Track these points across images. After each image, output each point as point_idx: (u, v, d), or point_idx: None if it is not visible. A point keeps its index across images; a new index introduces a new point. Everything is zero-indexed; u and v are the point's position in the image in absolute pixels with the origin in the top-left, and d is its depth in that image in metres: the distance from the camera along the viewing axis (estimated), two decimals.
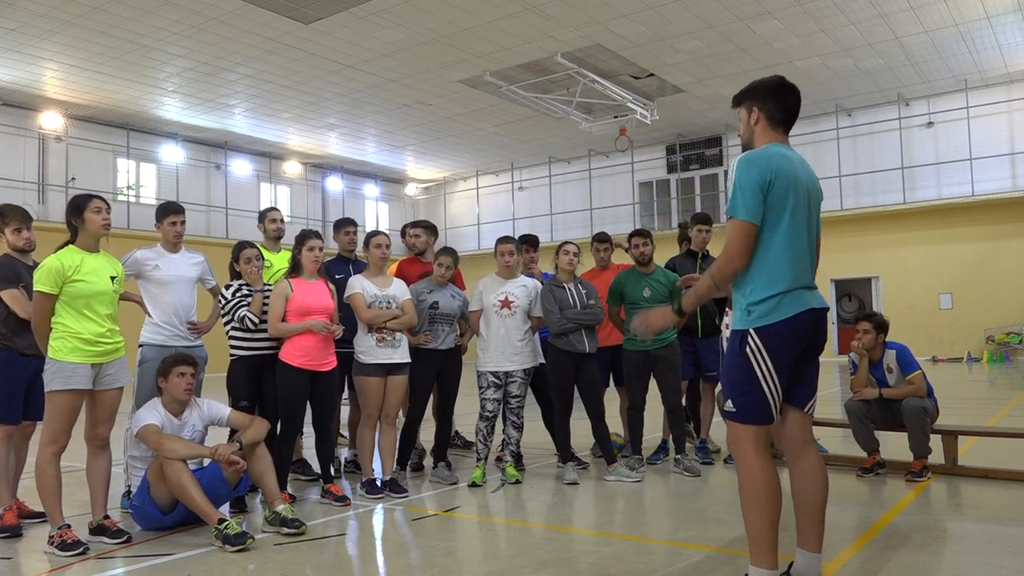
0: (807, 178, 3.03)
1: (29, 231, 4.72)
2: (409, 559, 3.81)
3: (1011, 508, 4.53)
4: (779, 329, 2.88)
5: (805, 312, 2.91)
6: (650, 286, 5.84)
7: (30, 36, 15.00)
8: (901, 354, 5.56)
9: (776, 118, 3.09)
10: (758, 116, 3.09)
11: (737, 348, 2.94)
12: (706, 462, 6.13)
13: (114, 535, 4.14)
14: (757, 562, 2.85)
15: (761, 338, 2.88)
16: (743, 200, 2.88)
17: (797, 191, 2.94)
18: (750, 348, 2.89)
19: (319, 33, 15.25)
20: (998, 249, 19.87)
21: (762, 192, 2.88)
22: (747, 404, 2.91)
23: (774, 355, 2.87)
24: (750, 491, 2.88)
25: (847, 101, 20.90)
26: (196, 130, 21.63)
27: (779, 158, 2.95)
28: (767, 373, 2.88)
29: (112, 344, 4.20)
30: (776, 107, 3.08)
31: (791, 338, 2.90)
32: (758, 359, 2.88)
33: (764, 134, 3.09)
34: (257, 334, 5.08)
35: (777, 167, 2.91)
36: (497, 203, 27.97)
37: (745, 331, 2.93)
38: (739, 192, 2.89)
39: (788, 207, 2.91)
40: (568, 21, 15.01)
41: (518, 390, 5.60)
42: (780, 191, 2.90)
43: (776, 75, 3.19)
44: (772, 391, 2.89)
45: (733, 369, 2.96)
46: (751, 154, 2.96)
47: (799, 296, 2.92)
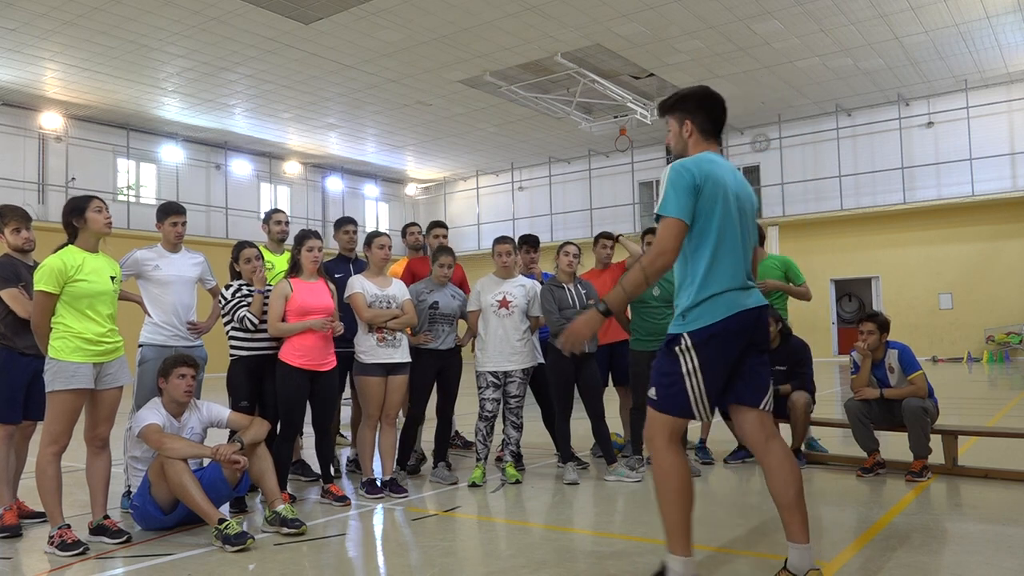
0: (736, 185, 3.08)
1: (29, 231, 4.72)
2: (409, 559, 3.81)
3: (1011, 508, 4.53)
4: (712, 331, 2.94)
5: (740, 313, 2.96)
6: (659, 285, 5.80)
7: (30, 36, 15.00)
8: (903, 354, 5.56)
9: (707, 129, 3.15)
10: (691, 128, 3.15)
11: (669, 345, 3.02)
12: (706, 462, 6.13)
13: (114, 535, 4.14)
14: (672, 549, 2.96)
15: (692, 340, 2.95)
16: (674, 199, 2.93)
17: (727, 196, 3.00)
18: (680, 348, 2.97)
19: (319, 33, 15.25)
20: (998, 249, 19.87)
21: (692, 194, 2.93)
22: (668, 396, 2.99)
23: (703, 357, 2.93)
24: (662, 484, 2.98)
25: (847, 101, 20.90)
26: (196, 130, 21.63)
27: (709, 163, 3.01)
28: (692, 371, 2.94)
29: (113, 344, 4.20)
30: (707, 118, 3.15)
31: (725, 340, 2.95)
32: (685, 358, 2.95)
33: (697, 145, 3.15)
34: (257, 334, 5.08)
35: (707, 172, 2.97)
36: (497, 203, 27.98)
37: (679, 335, 2.99)
38: (670, 192, 2.94)
39: (718, 211, 2.97)
40: (568, 21, 15.01)
41: (517, 390, 5.60)
42: (710, 195, 2.95)
43: (702, 85, 3.26)
44: (696, 390, 2.95)
45: (661, 363, 3.04)
46: (681, 161, 3.02)
47: (733, 298, 2.97)
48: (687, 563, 2.94)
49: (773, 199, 22.89)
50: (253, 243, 5.37)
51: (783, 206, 22.61)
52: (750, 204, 3.14)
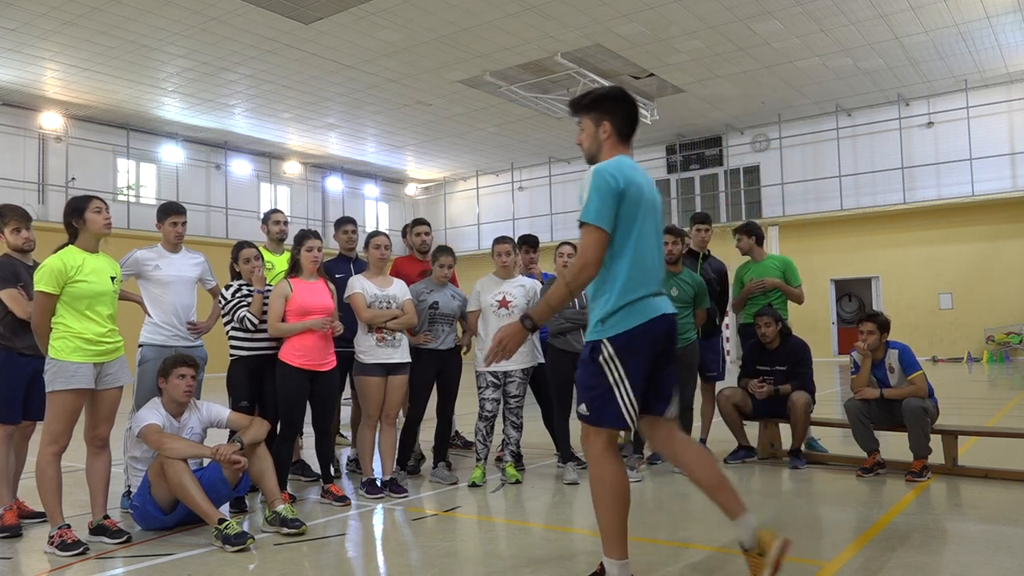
0: (651, 191, 3.08)
1: (29, 231, 4.71)
2: (409, 559, 3.81)
3: (1011, 508, 4.53)
4: (632, 336, 2.94)
5: (657, 318, 2.98)
6: (678, 286, 5.79)
7: (30, 36, 14.99)
8: (903, 354, 5.56)
9: (624, 132, 3.13)
10: (608, 130, 3.11)
11: (591, 356, 2.98)
12: None
13: (114, 535, 4.14)
14: (608, 553, 2.98)
15: (614, 346, 2.94)
16: (598, 206, 2.90)
17: (645, 202, 3.01)
18: (603, 357, 2.95)
19: (319, 33, 15.25)
20: (998, 249, 19.87)
21: (616, 201, 2.92)
22: (600, 408, 2.97)
23: (627, 363, 2.94)
24: (599, 491, 2.99)
25: (847, 101, 20.90)
26: (196, 130, 21.63)
27: (630, 169, 3.00)
28: (619, 380, 2.94)
29: (113, 344, 4.20)
30: (624, 121, 3.12)
31: (644, 344, 2.96)
32: (610, 367, 2.94)
33: (613, 147, 3.12)
34: (256, 335, 5.08)
35: (629, 178, 2.96)
36: (497, 203, 27.98)
37: (599, 341, 2.97)
38: (596, 200, 2.91)
39: (639, 217, 2.97)
40: (568, 21, 15.01)
41: (517, 390, 5.60)
42: (632, 202, 2.95)
43: (617, 86, 3.23)
44: (626, 398, 2.94)
45: (587, 377, 3.00)
46: (606, 165, 2.99)
47: (650, 303, 2.99)
48: (624, 566, 2.97)
49: (773, 199, 22.88)
50: (252, 243, 5.37)
51: (783, 206, 22.61)
52: (661, 210, 3.16)
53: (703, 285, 5.90)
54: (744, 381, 6.25)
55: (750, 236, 6.64)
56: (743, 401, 6.16)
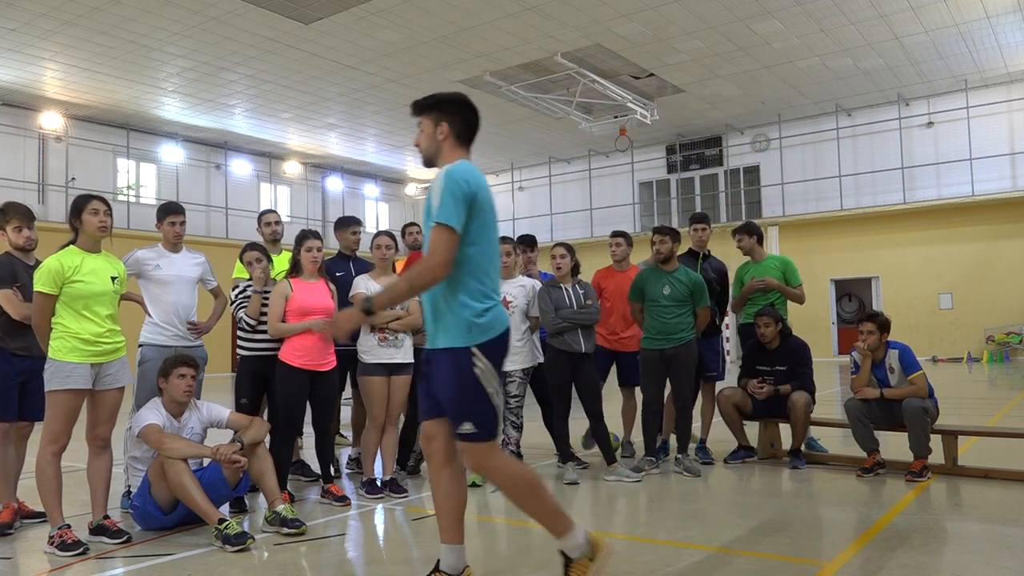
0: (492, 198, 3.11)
1: (31, 229, 4.67)
2: (409, 559, 3.81)
3: (1011, 508, 4.53)
4: (496, 344, 2.96)
5: (507, 329, 3.04)
6: (671, 284, 5.78)
7: (30, 36, 15.00)
8: (904, 354, 5.56)
9: (462, 135, 3.13)
10: (447, 132, 3.11)
11: (464, 369, 2.89)
12: (706, 462, 6.13)
13: (114, 535, 4.14)
14: (563, 532, 2.99)
15: (486, 354, 2.92)
16: (453, 209, 2.87)
17: (492, 209, 3.04)
18: (479, 368, 2.90)
19: (319, 33, 15.25)
20: (998, 249, 19.87)
21: (467, 205, 2.90)
22: (488, 423, 2.92)
23: (496, 369, 2.96)
24: (514, 488, 3.01)
25: (847, 101, 20.90)
26: (196, 130, 21.63)
27: (479, 175, 3.00)
28: (496, 388, 2.94)
29: (112, 344, 4.20)
30: (463, 124, 3.13)
31: (502, 352, 3.01)
32: (489, 377, 2.92)
33: (453, 150, 3.11)
34: (257, 335, 5.09)
35: (479, 183, 2.96)
36: (497, 203, 27.74)
37: (467, 349, 2.90)
38: (450, 202, 2.87)
39: (488, 222, 2.99)
40: (568, 21, 15.01)
41: (517, 390, 5.60)
42: (483, 208, 2.96)
43: (457, 92, 3.22)
44: (500, 404, 2.96)
45: (465, 391, 2.90)
46: (458, 168, 2.96)
47: (502, 311, 3.05)
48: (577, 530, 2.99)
49: (773, 199, 22.89)
50: (258, 244, 5.38)
51: (783, 206, 22.61)
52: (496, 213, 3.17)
53: (700, 283, 5.83)
54: (744, 381, 6.25)
55: (751, 236, 6.64)
56: (743, 401, 6.16)
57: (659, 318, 5.75)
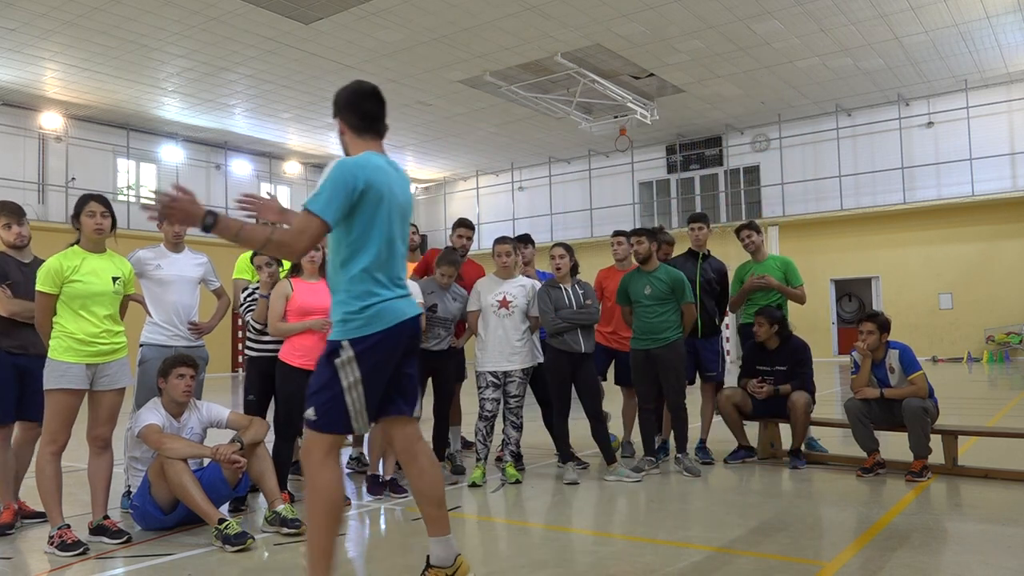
0: (401, 189, 3.01)
1: (21, 226, 4.61)
2: (409, 559, 3.81)
3: (1011, 508, 4.54)
4: (377, 340, 2.85)
5: (403, 322, 2.91)
6: (651, 284, 5.82)
7: (30, 36, 15.00)
8: (904, 354, 5.56)
9: (358, 127, 3.04)
10: (343, 126, 3.06)
11: (328, 356, 2.87)
12: (706, 462, 6.13)
13: (114, 535, 4.14)
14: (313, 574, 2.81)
15: (355, 349, 2.83)
16: (329, 199, 2.78)
17: (391, 203, 2.93)
18: (340, 360, 2.83)
19: (319, 33, 15.25)
20: (998, 249, 19.87)
21: (350, 199, 2.81)
22: (328, 413, 2.85)
23: (365, 367, 2.83)
24: (314, 504, 2.83)
25: (847, 101, 20.90)
26: (196, 130, 21.63)
27: (374, 169, 2.90)
28: (352, 385, 2.83)
29: (109, 345, 4.19)
30: (353, 115, 3.04)
31: (388, 349, 2.87)
32: (346, 371, 2.83)
33: (355, 143, 3.05)
34: (265, 338, 5.13)
35: (371, 178, 2.86)
36: (497, 203, 27.97)
37: (338, 342, 2.86)
38: (327, 189, 2.79)
39: (381, 218, 2.88)
40: (568, 21, 15.01)
41: (517, 390, 5.60)
42: (371, 203, 2.86)
43: (355, 81, 3.14)
44: (356, 405, 2.84)
45: (320, 379, 2.88)
46: (348, 160, 2.91)
47: (393, 307, 2.90)
48: None
49: (773, 199, 22.89)
50: None
51: (783, 206, 22.61)
52: (409, 209, 3.09)
53: (680, 280, 5.82)
54: (744, 381, 6.25)
55: (759, 233, 6.65)
56: (743, 401, 6.16)
57: (643, 318, 5.81)
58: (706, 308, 6.35)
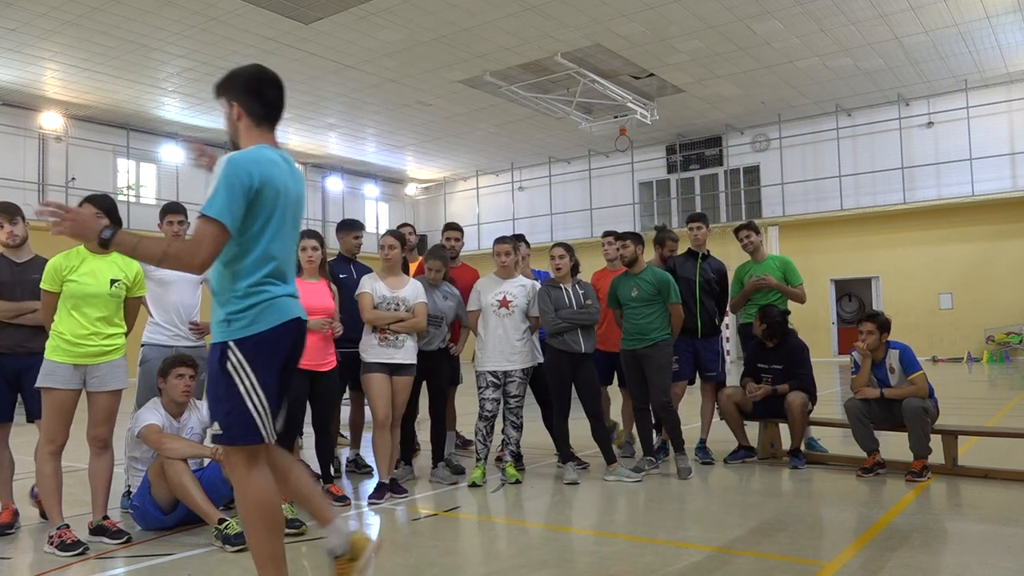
0: (295, 185, 2.87)
1: (13, 225, 4.55)
2: (409, 559, 3.81)
3: (1011, 508, 4.54)
4: (263, 339, 2.68)
5: (291, 321, 2.75)
6: (637, 285, 5.84)
7: (30, 36, 14.99)
8: (904, 354, 5.56)
9: (258, 114, 2.89)
10: (239, 112, 2.89)
11: (218, 364, 2.67)
12: (706, 462, 6.13)
13: (114, 535, 4.14)
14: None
15: (243, 350, 2.66)
16: (226, 201, 2.61)
17: (286, 199, 2.78)
18: (232, 363, 2.65)
19: (319, 33, 15.25)
20: (998, 249, 19.86)
21: (246, 198, 2.65)
22: (234, 424, 2.66)
23: (258, 368, 2.67)
24: (249, 512, 2.68)
25: (847, 101, 20.89)
26: (196, 130, 21.61)
27: (269, 164, 2.75)
28: (251, 388, 2.66)
29: (98, 347, 4.16)
30: (255, 102, 2.89)
31: (276, 349, 2.71)
32: (240, 375, 2.65)
33: (249, 132, 2.88)
34: None
35: (266, 174, 2.72)
36: (497, 203, 27.97)
37: (224, 343, 2.67)
38: (222, 191, 2.62)
39: (275, 216, 2.74)
40: (568, 21, 15.01)
41: (517, 390, 5.59)
42: (267, 201, 2.70)
43: (255, 65, 2.97)
44: (259, 407, 2.67)
45: (217, 388, 2.68)
46: (243, 156, 2.73)
47: (284, 304, 2.75)
48: None
49: (773, 199, 22.88)
50: None
51: (783, 206, 22.61)
52: (302, 204, 2.94)
53: (666, 281, 5.83)
54: (744, 380, 6.26)
55: (759, 234, 6.66)
56: (743, 400, 6.16)
57: (631, 320, 5.85)
58: (706, 308, 6.35)
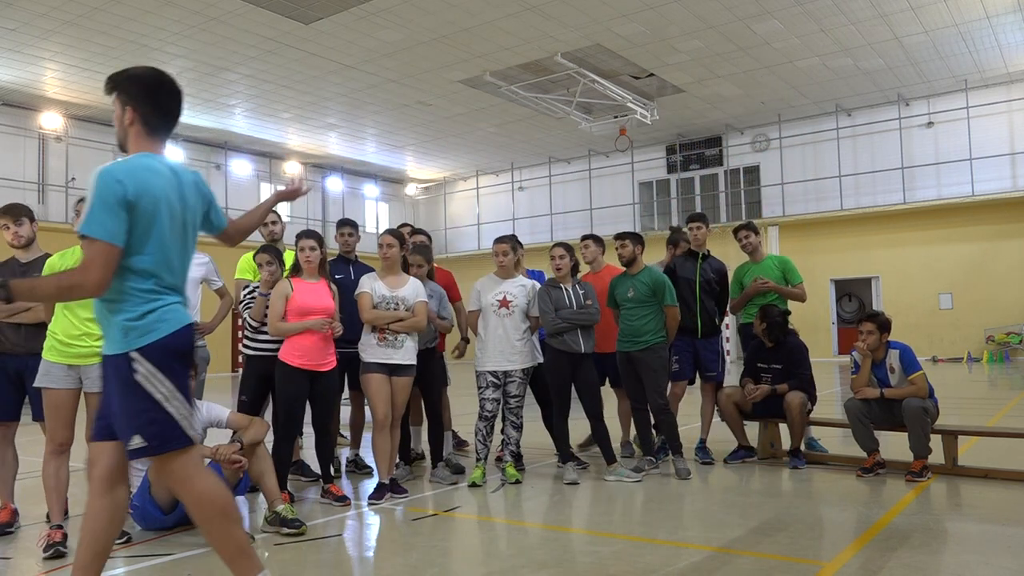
0: (181, 193, 2.79)
1: (18, 226, 4.54)
2: (409, 559, 3.81)
3: (1011, 508, 4.53)
4: (165, 343, 2.62)
5: (186, 327, 2.69)
6: (634, 286, 5.86)
7: (30, 36, 15.00)
8: (904, 354, 5.55)
9: (152, 123, 2.81)
10: (133, 118, 2.78)
11: (125, 376, 2.58)
12: (706, 462, 6.13)
13: None
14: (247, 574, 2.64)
15: (148, 358, 2.58)
16: (104, 217, 2.52)
17: (169, 209, 2.70)
18: (140, 373, 2.57)
19: (319, 33, 15.25)
20: (998, 249, 19.87)
21: (124, 211, 2.56)
22: (159, 432, 2.57)
23: (168, 372, 2.60)
24: (202, 512, 2.63)
25: (847, 101, 20.90)
26: (196, 130, 21.62)
27: (146, 173, 2.67)
28: (167, 393, 2.59)
29: (89, 348, 4.14)
30: (151, 111, 2.80)
31: (179, 352, 2.67)
32: (153, 382, 2.58)
33: (139, 139, 2.80)
34: (261, 336, 5.14)
35: (142, 183, 2.63)
36: (497, 203, 27.97)
37: (125, 355, 2.58)
38: (100, 210, 2.53)
39: (156, 225, 2.64)
40: (568, 21, 15.02)
41: (517, 390, 5.59)
42: (146, 212, 2.62)
43: (155, 70, 2.86)
44: (180, 409, 2.61)
45: (128, 400, 2.58)
46: (110, 169, 2.62)
47: (177, 310, 2.70)
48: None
49: (773, 199, 22.89)
50: (269, 247, 5.36)
51: (783, 206, 22.61)
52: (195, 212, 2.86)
53: (662, 282, 5.84)
54: (744, 380, 6.26)
55: (757, 234, 6.66)
56: (743, 400, 6.16)
57: (627, 321, 5.87)
58: (706, 308, 6.35)
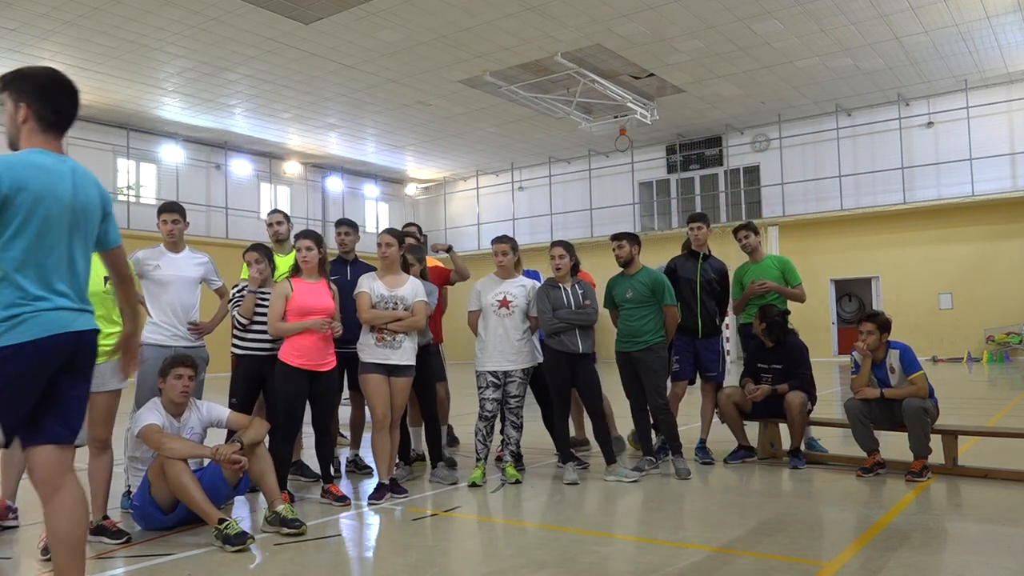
0: (72, 191, 2.75)
1: None
2: (409, 559, 3.81)
3: (1011, 508, 4.53)
4: (15, 350, 2.55)
5: (54, 336, 2.60)
6: (632, 287, 5.86)
7: (30, 36, 15.00)
8: (904, 354, 5.55)
9: (47, 120, 2.77)
10: (27, 114, 2.75)
11: None
12: (706, 462, 6.13)
13: (114, 535, 4.14)
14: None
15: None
16: None
17: (53, 206, 2.66)
18: None
19: (319, 33, 15.25)
20: (998, 249, 19.86)
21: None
22: None
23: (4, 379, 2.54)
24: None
25: (847, 101, 20.90)
26: (196, 130, 21.63)
27: (29, 168, 2.64)
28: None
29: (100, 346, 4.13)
30: (46, 108, 2.77)
31: (27, 363, 2.57)
32: None
33: (31, 136, 2.76)
34: (249, 334, 5.14)
35: (21, 178, 2.59)
36: (497, 203, 27.97)
37: None
38: None
39: (33, 222, 2.60)
40: (568, 21, 15.01)
41: (517, 390, 5.59)
42: (22, 204, 2.58)
43: (50, 69, 2.86)
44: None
45: None
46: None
47: (48, 317, 2.61)
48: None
49: (773, 199, 22.88)
50: (260, 245, 5.40)
51: (783, 206, 22.61)
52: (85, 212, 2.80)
53: (661, 282, 5.84)
54: (743, 380, 6.26)
55: (757, 234, 6.66)
56: (743, 400, 6.16)
57: (626, 321, 5.87)
58: (706, 308, 6.35)
